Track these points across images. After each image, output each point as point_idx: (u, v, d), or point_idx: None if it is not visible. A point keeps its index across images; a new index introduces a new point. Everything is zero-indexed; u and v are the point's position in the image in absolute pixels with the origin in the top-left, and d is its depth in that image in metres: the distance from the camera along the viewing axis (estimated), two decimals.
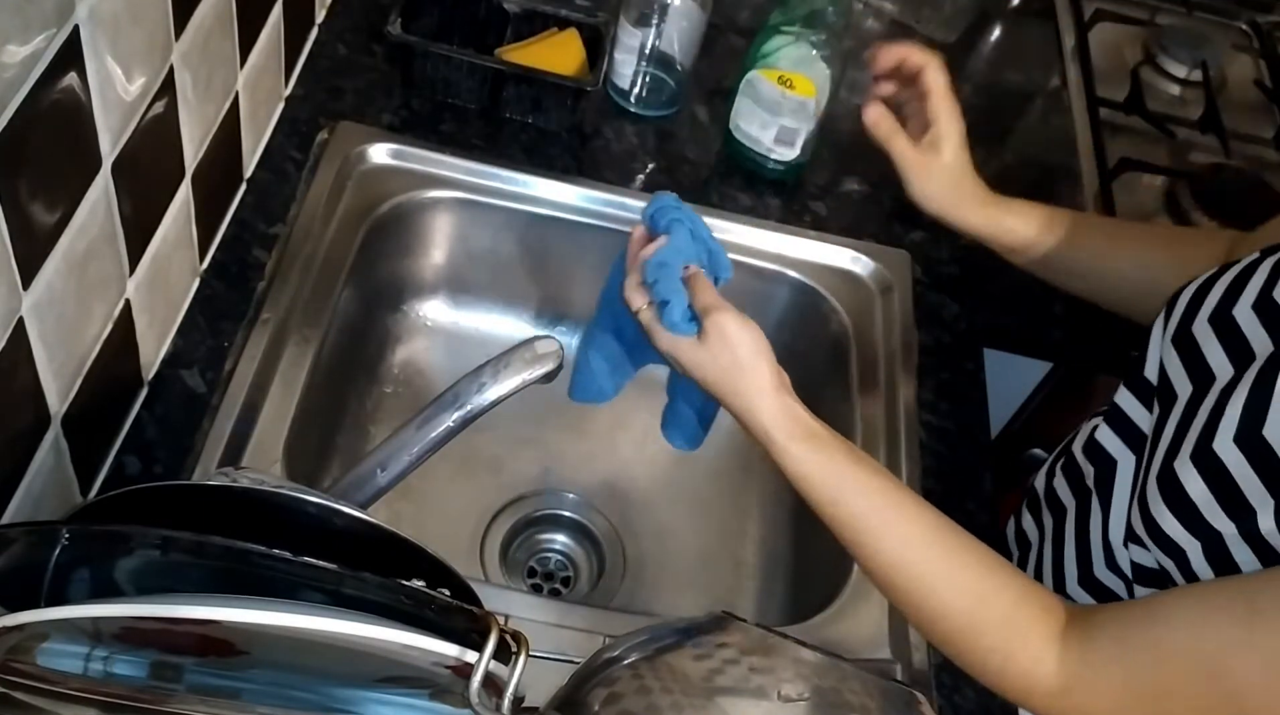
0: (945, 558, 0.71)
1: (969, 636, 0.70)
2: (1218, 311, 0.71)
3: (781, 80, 1.05)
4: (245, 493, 0.59)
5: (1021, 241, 0.92)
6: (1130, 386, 0.78)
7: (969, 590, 0.70)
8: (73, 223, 0.67)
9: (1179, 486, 0.67)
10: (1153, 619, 0.65)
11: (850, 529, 0.73)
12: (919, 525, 0.71)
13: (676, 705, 0.56)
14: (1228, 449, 0.65)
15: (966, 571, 0.70)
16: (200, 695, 0.56)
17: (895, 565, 0.71)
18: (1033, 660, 0.67)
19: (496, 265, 1.13)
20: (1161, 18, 1.44)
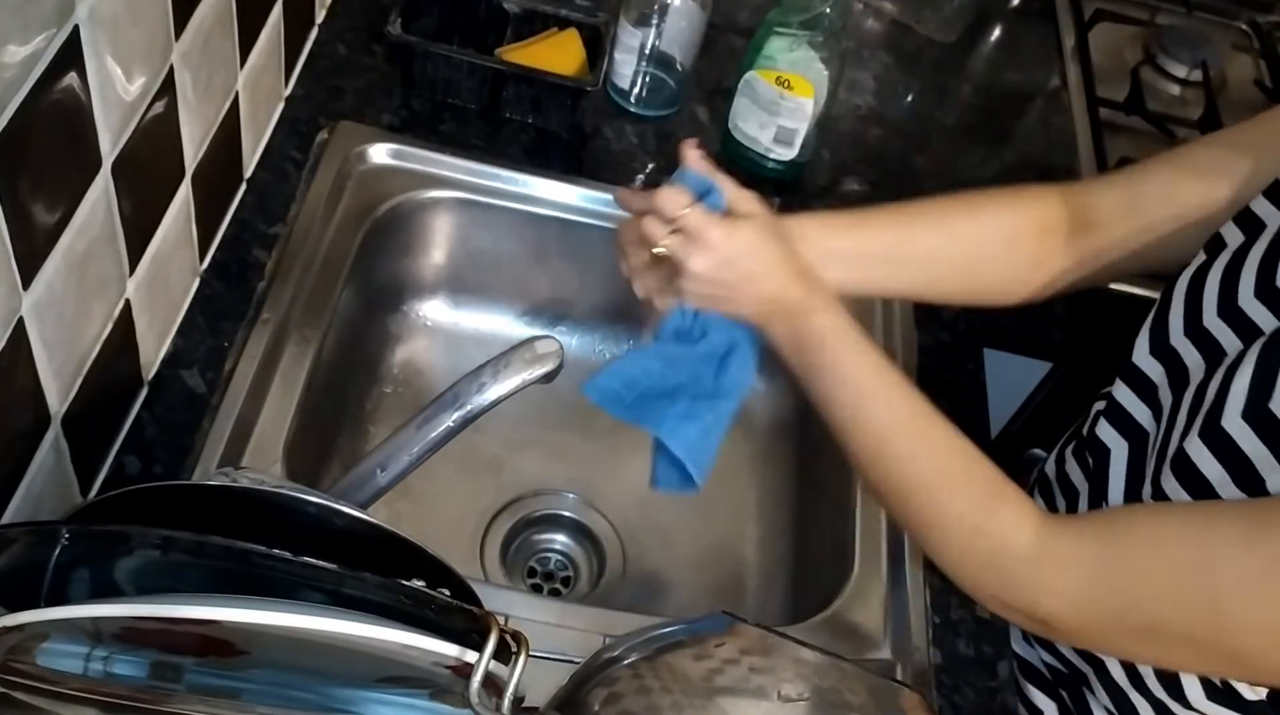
0: (943, 425, 0.73)
1: (953, 488, 0.70)
2: (1223, 303, 0.71)
3: (779, 81, 1.06)
4: (245, 493, 0.60)
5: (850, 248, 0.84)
6: (1124, 377, 0.78)
7: (965, 454, 0.71)
8: (73, 222, 0.67)
9: (1192, 466, 0.67)
10: (1149, 512, 0.66)
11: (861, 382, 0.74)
12: (920, 398, 0.74)
13: (676, 705, 0.56)
14: (1236, 425, 0.65)
15: (965, 443, 0.72)
16: (200, 695, 0.56)
17: (894, 419, 0.73)
18: (1013, 518, 0.67)
19: (496, 265, 1.13)
20: (1161, 18, 1.44)
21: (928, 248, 0.85)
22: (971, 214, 0.84)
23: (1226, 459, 0.65)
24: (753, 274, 0.75)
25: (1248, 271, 0.70)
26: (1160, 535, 0.64)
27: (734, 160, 1.14)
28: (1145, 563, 0.63)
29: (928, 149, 1.23)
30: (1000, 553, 0.68)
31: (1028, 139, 1.29)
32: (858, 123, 1.24)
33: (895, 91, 1.29)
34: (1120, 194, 0.82)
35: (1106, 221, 0.82)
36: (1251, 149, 0.76)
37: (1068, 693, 0.85)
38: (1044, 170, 1.25)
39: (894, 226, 0.85)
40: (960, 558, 0.71)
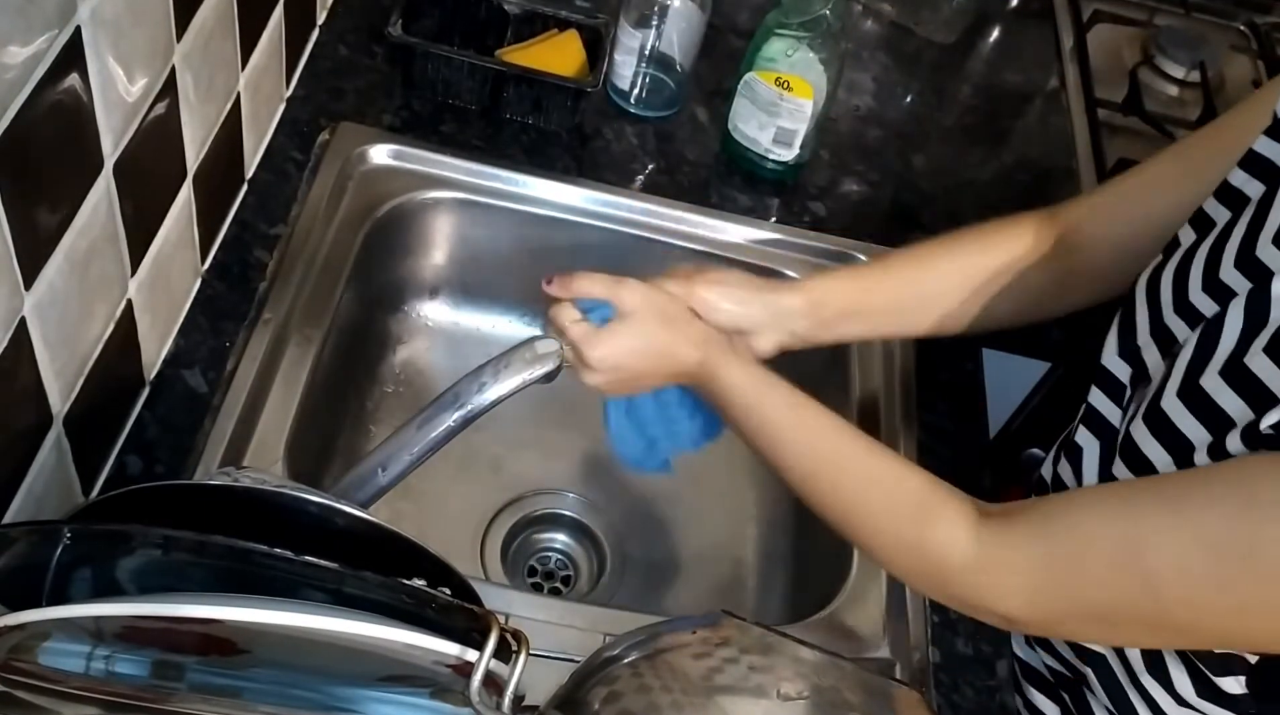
0: (862, 448, 0.76)
1: (885, 517, 0.73)
2: (1178, 299, 0.73)
3: (779, 82, 1.06)
4: (247, 492, 0.60)
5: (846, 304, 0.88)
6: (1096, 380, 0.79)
7: (886, 474, 0.74)
8: (75, 223, 0.67)
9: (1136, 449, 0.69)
10: (1075, 504, 0.68)
11: (773, 428, 0.78)
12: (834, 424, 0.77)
13: (676, 704, 0.56)
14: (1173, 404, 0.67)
15: (884, 461, 0.75)
16: (202, 694, 0.56)
17: (816, 457, 0.76)
18: (948, 531, 0.69)
19: (497, 265, 1.13)
20: (1160, 19, 1.45)
21: (942, 289, 0.88)
22: (979, 251, 0.88)
23: (1165, 439, 0.67)
24: (642, 370, 0.80)
25: (1196, 267, 0.72)
26: (1088, 525, 0.65)
27: (734, 161, 1.14)
28: (1079, 554, 0.65)
29: (927, 150, 1.23)
30: (944, 567, 0.70)
31: (1026, 140, 1.29)
32: (857, 123, 1.24)
33: (894, 92, 1.29)
34: (1096, 215, 0.85)
35: (1087, 243, 0.85)
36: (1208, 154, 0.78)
37: (1069, 695, 0.85)
38: (1042, 171, 1.25)
39: (906, 275, 0.89)
40: (910, 575, 0.75)
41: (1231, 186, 0.73)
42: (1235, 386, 0.64)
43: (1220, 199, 0.74)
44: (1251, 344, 0.64)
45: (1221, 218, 0.73)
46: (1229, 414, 0.64)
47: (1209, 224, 0.74)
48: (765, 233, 1.10)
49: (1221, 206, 0.74)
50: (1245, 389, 0.63)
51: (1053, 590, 0.67)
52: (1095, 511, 0.66)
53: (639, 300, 0.80)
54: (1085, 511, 0.67)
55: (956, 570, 0.69)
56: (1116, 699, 0.79)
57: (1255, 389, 0.63)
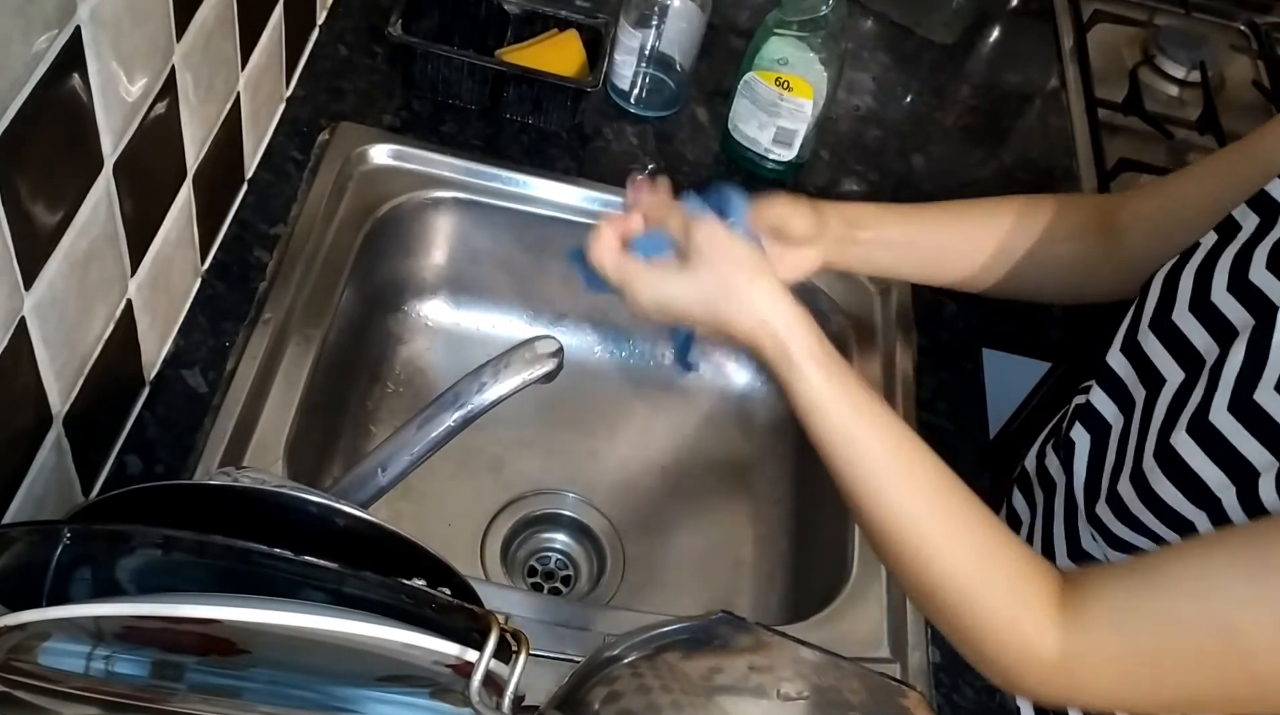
0: (954, 516, 0.67)
1: (972, 601, 0.66)
2: (1196, 299, 0.71)
3: (779, 82, 1.06)
4: (247, 492, 0.60)
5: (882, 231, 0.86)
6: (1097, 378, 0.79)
7: (975, 551, 0.66)
8: (74, 223, 0.67)
9: (1179, 459, 0.67)
10: (1153, 583, 0.62)
11: (862, 470, 0.68)
12: (932, 477, 0.68)
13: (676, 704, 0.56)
14: (1223, 418, 0.65)
15: (973, 533, 0.67)
16: (202, 694, 0.56)
17: (903, 518, 0.67)
18: (1035, 628, 0.64)
19: (497, 265, 1.13)
20: (1160, 19, 1.45)
21: (972, 246, 0.87)
22: (1019, 214, 0.87)
23: (1215, 452, 0.65)
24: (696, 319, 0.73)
25: (1221, 267, 0.71)
26: (1175, 612, 0.61)
27: (733, 161, 1.14)
28: (1169, 643, 0.61)
29: (927, 150, 1.23)
30: (1028, 661, 0.65)
31: (1026, 140, 1.29)
32: (857, 123, 1.24)
33: (894, 92, 1.29)
34: (1145, 206, 0.84)
35: (1131, 230, 0.84)
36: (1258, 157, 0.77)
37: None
38: (1042, 171, 1.25)
39: (943, 223, 0.88)
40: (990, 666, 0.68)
41: (1268, 194, 0.71)
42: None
43: (1252, 206, 0.72)
44: None
45: (1250, 223, 0.72)
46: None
47: (1234, 228, 0.73)
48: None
49: (1251, 212, 0.72)
50: None
51: (1141, 682, 0.63)
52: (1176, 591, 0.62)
53: (711, 244, 0.71)
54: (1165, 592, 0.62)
55: (1039, 665, 0.64)
56: None
57: None
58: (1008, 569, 0.66)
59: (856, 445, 0.68)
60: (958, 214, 0.88)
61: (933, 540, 0.67)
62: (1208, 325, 0.70)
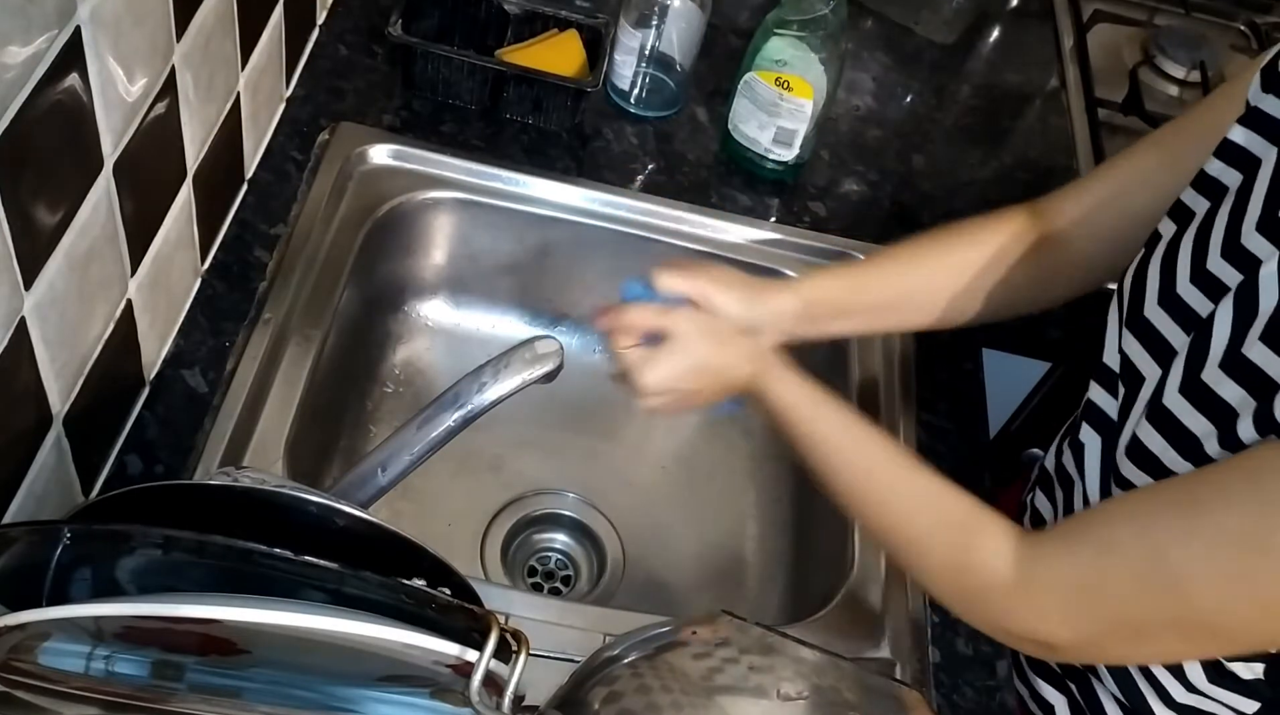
0: (908, 469, 0.77)
1: (930, 536, 0.74)
2: (1163, 292, 0.73)
3: (779, 82, 1.06)
4: (246, 492, 0.60)
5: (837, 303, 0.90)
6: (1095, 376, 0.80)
7: (934, 495, 0.75)
8: (74, 223, 0.67)
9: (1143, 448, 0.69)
10: (1099, 515, 0.69)
11: (825, 445, 0.79)
12: (882, 444, 0.79)
13: (676, 704, 0.56)
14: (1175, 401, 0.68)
15: (931, 481, 0.75)
16: (201, 694, 0.56)
17: (865, 474, 0.77)
18: (990, 553, 0.70)
19: (496, 265, 1.13)
20: (1160, 19, 1.45)
21: (932, 285, 0.89)
22: (965, 245, 0.89)
23: (1171, 437, 0.68)
24: (696, 387, 0.82)
25: (1182, 259, 0.72)
26: (1109, 536, 0.66)
27: (733, 161, 1.14)
28: (1109, 570, 0.65)
29: (926, 149, 1.23)
30: (988, 589, 0.71)
31: (1026, 140, 1.29)
32: (857, 123, 1.24)
33: (894, 92, 1.29)
34: (1075, 207, 0.86)
35: (1067, 234, 0.86)
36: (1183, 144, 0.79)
37: (1076, 685, 0.85)
38: (1042, 171, 1.25)
39: (896, 272, 0.90)
40: (954, 598, 0.75)
41: (1209, 176, 0.73)
42: (1236, 377, 0.64)
43: (1198, 189, 0.74)
44: (1247, 334, 0.65)
45: (1200, 208, 0.74)
46: (1232, 406, 0.64)
47: (1188, 214, 0.74)
48: (765, 233, 1.10)
49: (1200, 196, 0.74)
50: (1246, 379, 0.64)
51: (1085, 607, 0.67)
52: (1116, 520, 0.67)
53: (686, 324, 0.82)
54: (1107, 521, 0.67)
55: (997, 590, 0.70)
56: (1126, 688, 0.80)
57: (1257, 378, 0.63)
58: (963, 509, 0.73)
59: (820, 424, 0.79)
60: (906, 263, 0.91)
61: (890, 490, 0.77)
62: (1175, 317, 0.72)
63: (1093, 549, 0.66)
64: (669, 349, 0.81)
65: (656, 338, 0.82)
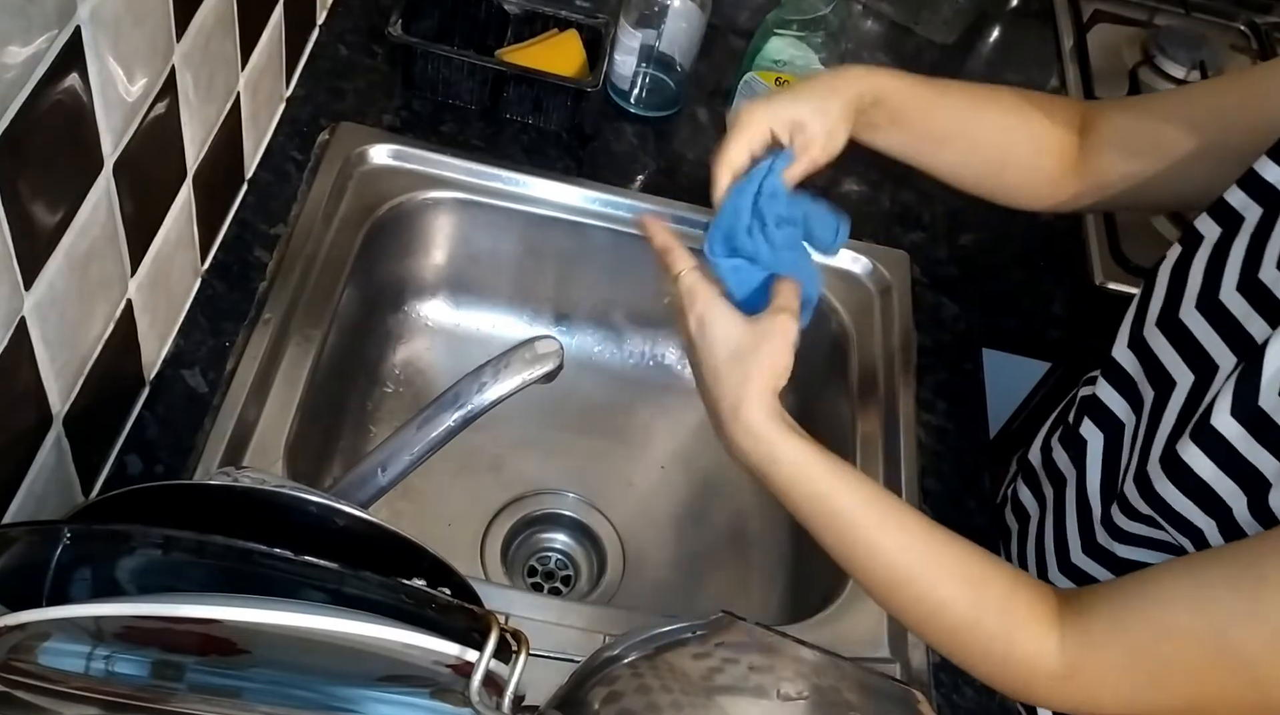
0: (940, 550, 0.69)
1: (970, 626, 0.68)
2: (1204, 296, 0.71)
3: (779, 82, 1.06)
4: (246, 492, 0.60)
5: (900, 112, 0.84)
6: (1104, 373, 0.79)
7: (966, 579, 0.68)
8: (74, 223, 0.67)
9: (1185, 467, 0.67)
10: (1149, 595, 0.64)
11: (843, 524, 0.70)
12: (911, 521, 0.70)
13: (676, 704, 0.56)
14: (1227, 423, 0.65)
15: (961, 562, 0.69)
16: (202, 694, 0.56)
17: (892, 560, 0.69)
18: (1035, 643, 0.66)
19: (497, 265, 1.13)
20: (1160, 19, 1.45)
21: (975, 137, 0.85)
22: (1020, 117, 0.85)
23: (1220, 459, 0.65)
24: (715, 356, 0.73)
25: (1231, 265, 0.70)
26: (1170, 623, 0.62)
27: None
28: (1167, 653, 0.62)
29: None
30: (1033, 679, 0.67)
31: None
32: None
33: None
34: (1128, 122, 0.83)
35: (1108, 148, 0.82)
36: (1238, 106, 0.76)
37: None
38: None
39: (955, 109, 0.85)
40: (998, 685, 0.70)
41: (1264, 180, 0.71)
42: None
43: (1248, 191, 0.72)
44: None
45: (1251, 214, 0.71)
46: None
47: (1236, 218, 0.72)
48: None
49: (1252, 201, 0.71)
50: None
51: (1144, 690, 0.64)
52: (1172, 603, 0.63)
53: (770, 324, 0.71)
54: (1161, 604, 0.63)
55: (1044, 680, 0.66)
56: None
57: None
58: (998, 590, 0.68)
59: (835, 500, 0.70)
60: (969, 102, 0.85)
61: (920, 575, 0.69)
62: (1216, 325, 0.70)
63: (1148, 635, 0.63)
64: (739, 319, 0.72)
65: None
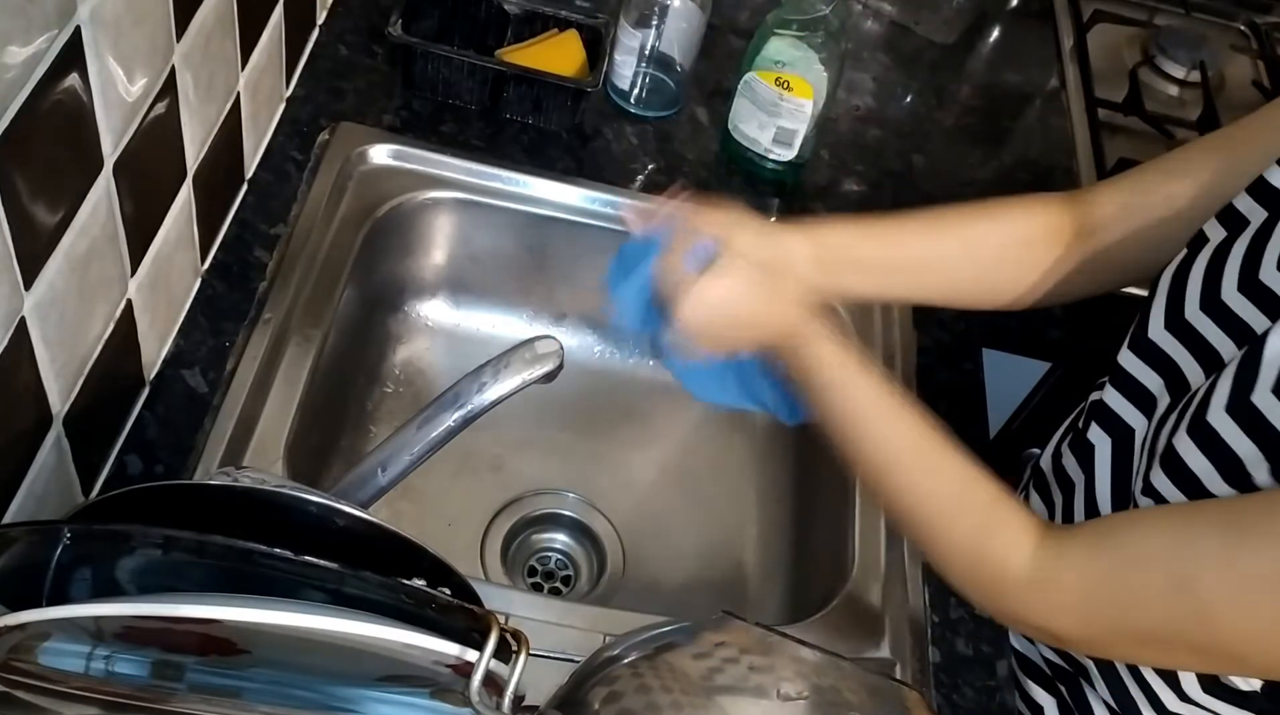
0: (940, 448, 0.73)
1: (950, 516, 0.72)
2: (1206, 296, 0.71)
3: (779, 82, 1.06)
4: (246, 492, 0.60)
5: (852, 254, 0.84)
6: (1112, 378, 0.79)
7: (959, 478, 0.72)
8: (74, 223, 0.67)
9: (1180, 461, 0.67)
10: (1132, 525, 0.67)
11: (856, 413, 0.75)
12: (917, 419, 0.74)
13: (676, 704, 0.56)
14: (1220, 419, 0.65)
15: (957, 464, 0.72)
16: (201, 694, 0.56)
17: (894, 448, 0.74)
18: (1010, 546, 0.68)
19: (496, 265, 1.13)
20: (1160, 19, 1.45)
21: (948, 256, 0.86)
22: (990, 221, 0.86)
23: (1212, 453, 0.65)
24: (738, 318, 0.77)
25: (1231, 265, 0.70)
26: (1143, 546, 0.64)
27: (733, 161, 1.14)
28: (1134, 579, 0.64)
29: (927, 149, 1.23)
30: (1003, 578, 0.69)
31: (1026, 140, 1.29)
32: (857, 123, 1.24)
33: (894, 92, 1.29)
34: (1118, 200, 0.83)
35: (1105, 227, 0.83)
36: (1241, 149, 0.77)
37: (1066, 688, 0.85)
38: (1042, 171, 1.25)
39: (913, 234, 0.86)
40: (967, 583, 0.73)
41: (1270, 185, 0.71)
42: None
43: (1256, 197, 0.72)
44: None
45: (1257, 217, 0.72)
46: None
47: (1241, 222, 0.72)
48: None
49: (1258, 205, 0.72)
50: None
51: (1104, 610, 0.66)
52: (1150, 534, 0.65)
53: (754, 246, 0.76)
54: (1141, 533, 0.65)
55: (1012, 583, 0.68)
56: (1117, 693, 0.79)
57: None
58: (986, 494, 0.71)
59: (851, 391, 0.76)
60: (933, 228, 0.86)
61: (917, 466, 0.74)
62: (1222, 324, 0.70)
63: (1120, 558, 0.65)
64: (722, 273, 0.75)
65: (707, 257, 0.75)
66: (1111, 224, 0.82)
